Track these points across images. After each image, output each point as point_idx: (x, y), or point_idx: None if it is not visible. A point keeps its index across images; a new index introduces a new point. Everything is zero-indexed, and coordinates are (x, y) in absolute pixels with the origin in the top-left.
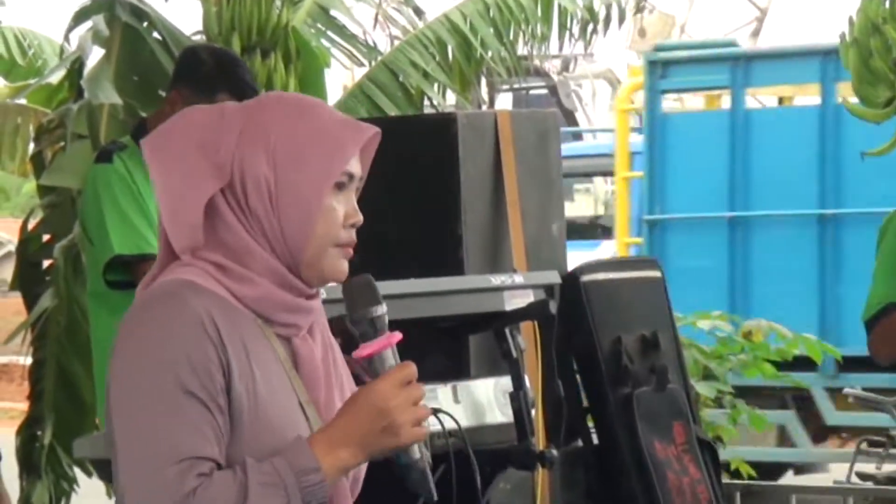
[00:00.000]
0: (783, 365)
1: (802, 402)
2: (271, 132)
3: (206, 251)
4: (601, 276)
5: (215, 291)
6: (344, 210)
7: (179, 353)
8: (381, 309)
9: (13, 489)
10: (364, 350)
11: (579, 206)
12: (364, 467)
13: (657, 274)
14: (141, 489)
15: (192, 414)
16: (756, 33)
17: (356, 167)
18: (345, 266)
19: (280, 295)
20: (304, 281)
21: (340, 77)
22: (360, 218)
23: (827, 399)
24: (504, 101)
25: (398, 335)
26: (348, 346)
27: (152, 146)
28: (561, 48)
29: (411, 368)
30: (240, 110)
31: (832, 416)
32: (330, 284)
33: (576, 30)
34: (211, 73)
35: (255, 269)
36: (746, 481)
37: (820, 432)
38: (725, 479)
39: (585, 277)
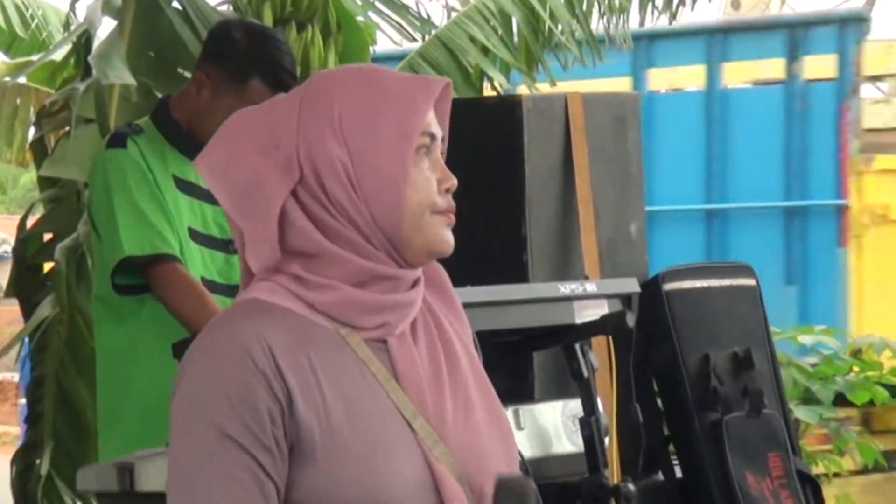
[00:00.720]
0: None
1: None
2: (333, 106)
3: (283, 263)
4: (687, 283)
5: (288, 307)
6: (434, 175)
7: (217, 391)
8: None
9: None
10: None
11: None
12: (489, 490)
13: (752, 282)
14: None
15: (228, 460)
16: (871, 2)
17: (435, 126)
18: (449, 236)
19: (361, 297)
20: (409, 262)
21: None
22: (454, 181)
23: None
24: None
25: None
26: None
27: (207, 167)
28: (642, 22)
29: None
30: (292, 95)
31: None
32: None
33: (659, 1)
34: (243, 54)
35: (331, 273)
36: None
37: None
38: None
39: (668, 285)
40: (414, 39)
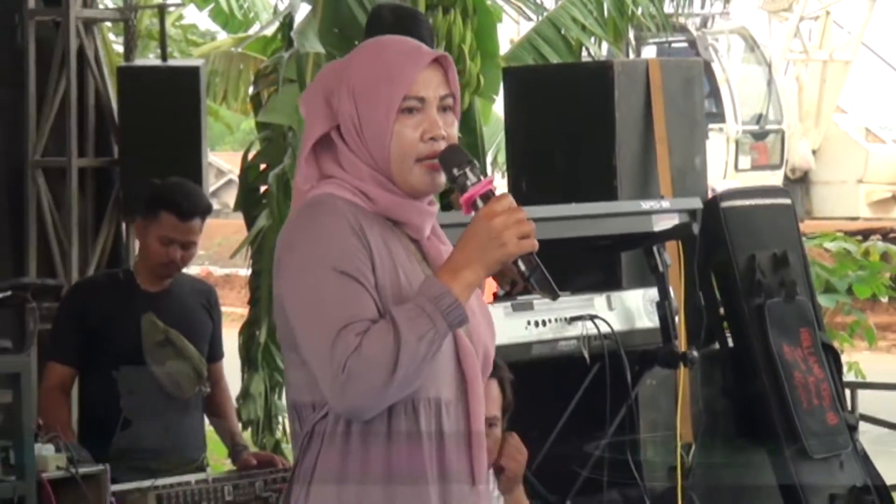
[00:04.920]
0: None
1: None
2: (352, 74)
3: (339, 174)
4: (738, 202)
5: (352, 200)
6: (420, 129)
7: (332, 245)
8: (472, 165)
9: (235, 380)
10: (465, 194)
11: None
12: (491, 350)
13: (788, 201)
14: (318, 355)
15: (348, 288)
16: None
17: (426, 91)
18: (430, 179)
19: (399, 200)
20: (408, 195)
21: (508, 31)
22: (437, 131)
23: None
24: (648, 53)
25: (491, 179)
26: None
27: (301, 101)
28: (702, 6)
29: (509, 197)
30: (345, 59)
31: None
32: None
33: None
34: (388, 29)
35: (370, 182)
36: (864, 380)
37: None
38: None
39: (725, 203)
40: (530, 19)
